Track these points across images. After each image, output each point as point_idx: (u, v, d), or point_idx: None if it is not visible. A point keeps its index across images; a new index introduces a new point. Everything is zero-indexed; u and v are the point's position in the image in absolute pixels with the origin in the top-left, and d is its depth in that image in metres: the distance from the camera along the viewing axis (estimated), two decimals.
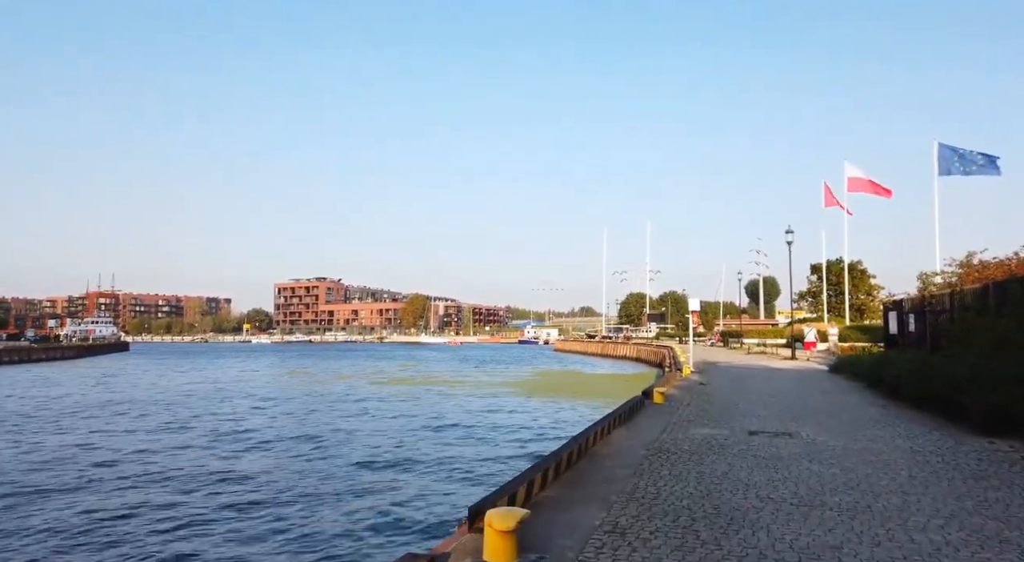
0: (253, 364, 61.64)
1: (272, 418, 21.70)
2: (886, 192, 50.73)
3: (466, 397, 28.76)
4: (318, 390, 32.98)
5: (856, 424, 9.81)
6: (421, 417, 21.54)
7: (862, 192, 51.39)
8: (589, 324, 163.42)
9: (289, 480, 12.22)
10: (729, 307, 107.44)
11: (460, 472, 12.83)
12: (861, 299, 62.40)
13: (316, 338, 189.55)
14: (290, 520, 9.60)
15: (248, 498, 10.91)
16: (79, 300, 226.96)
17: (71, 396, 29.32)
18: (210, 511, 10.13)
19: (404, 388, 33.79)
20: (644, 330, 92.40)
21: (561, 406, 24.41)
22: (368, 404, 26.00)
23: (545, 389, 32.63)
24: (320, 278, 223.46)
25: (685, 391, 15.31)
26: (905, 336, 20.57)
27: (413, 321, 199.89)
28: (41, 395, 29.74)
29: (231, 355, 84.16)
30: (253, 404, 26.25)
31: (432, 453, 14.78)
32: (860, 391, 15.01)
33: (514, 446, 15.61)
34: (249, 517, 9.81)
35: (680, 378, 19.90)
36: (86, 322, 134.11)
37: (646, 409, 11.92)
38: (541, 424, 19.37)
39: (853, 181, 50.96)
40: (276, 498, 10.88)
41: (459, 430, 18.33)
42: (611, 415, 9.73)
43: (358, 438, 17.16)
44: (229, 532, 9.09)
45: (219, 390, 32.75)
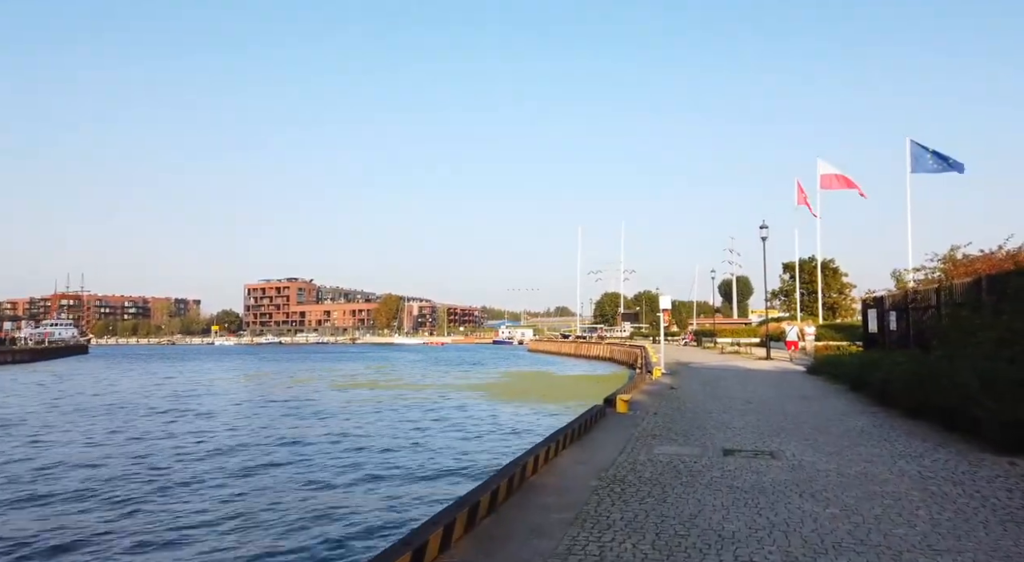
0: (214, 367, 59.13)
1: (204, 429, 19.79)
2: (858, 190, 50.21)
3: (427, 401, 27.09)
4: (270, 396, 31.01)
5: (846, 438, 8.40)
6: (370, 425, 19.82)
7: (835, 189, 50.79)
8: (564, 324, 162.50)
9: (174, 503, 10.47)
10: (703, 306, 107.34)
11: (371, 508, 10.23)
12: (833, 298, 62.10)
13: (287, 340, 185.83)
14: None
15: (137, 526, 9.16)
16: (41, 302, 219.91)
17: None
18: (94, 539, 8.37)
19: (365, 392, 31.98)
20: (618, 330, 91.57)
21: (525, 411, 22.88)
22: (318, 411, 24.18)
23: (512, 392, 31.10)
24: (291, 279, 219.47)
25: (653, 397, 13.86)
26: (886, 335, 19.41)
27: (386, 322, 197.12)
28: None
29: (193, 358, 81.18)
30: (193, 412, 24.26)
31: (357, 472, 12.86)
32: (843, 395, 13.70)
33: (459, 461, 13.90)
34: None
35: (649, 381, 18.50)
36: (44, 324, 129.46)
37: (607, 420, 10.42)
38: (498, 434, 17.75)
39: (826, 178, 50.31)
40: (154, 526, 9.14)
41: (406, 441, 16.61)
42: (560, 431, 8.18)
43: (281, 454, 15.36)
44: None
45: (161, 396, 30.60)
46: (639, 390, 15.49)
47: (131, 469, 13.50)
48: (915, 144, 37.68)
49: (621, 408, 11.32)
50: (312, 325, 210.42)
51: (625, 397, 11.46)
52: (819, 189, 49.03)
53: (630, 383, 16.46)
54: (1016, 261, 14.00)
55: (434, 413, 22.82)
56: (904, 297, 18.13)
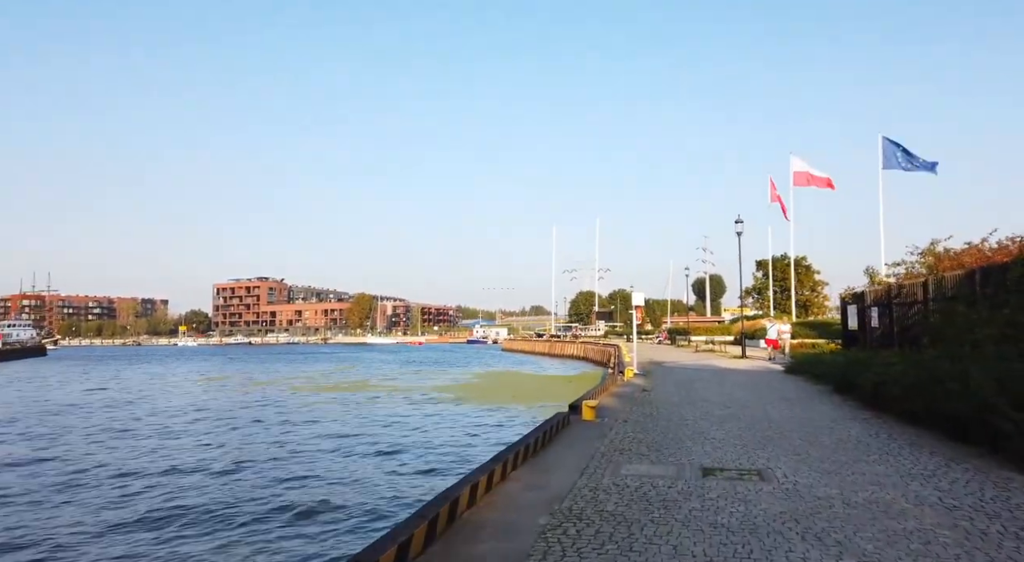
0: (175, 369, 56.80)
1: (142, 436, 18.16)
2: (829, 185, 49.88)
3: (388, 405, 25.67)
4: (224, 399, 29.28)
5: (843, 451, 7.29)
6: (318, 433, 18.34)
7: (808, 186, 50.38)
8: (540, 323, 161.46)
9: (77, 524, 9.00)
10: (676, 305, 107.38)
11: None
12: (806, 295, 61.96)
13: (257, 340, 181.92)
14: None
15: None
16: (0, 303, 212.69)
17: None
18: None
19: (326, 395, 30.41)
20: (593, 328, 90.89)
21: (490, 414, 21.60)
22: (270, 416, 22.62)
23: (481, 393, 29.81)
24: (262, 278, 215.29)
25: (624, 401, 12.69)
26: (868, 332, 18.55)
27: (359, 321, 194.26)
28: None
29: (155, 359, 78.36)
30: (132, 417, 22.51)
31: (283, 494, 11.15)
32: (828, 398, 12.68)
33: (395, 486, 11.94)
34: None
35: (621, 382, 17.36)
36: (2, 326, 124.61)
37: (571, 430, 9.20)
38: (456, 441, 16.38)
39: (799, 175, 49.87)
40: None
41: (353, 451, 15.12)
42: (512, 448, 6.92)
43: (214, 465, 13.87)
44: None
45: (105, 401, 28.70)
46: (609, 393, 14.32)
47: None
48: (887, 141, 37.36)
49: (587, 415, 10.11)
50: (283, 325, 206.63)
51: (592, 403, 10.24)
52: (792, 186, 48.65)
53: (600, 385, 15.30)
54: (1008, 253, 13.12)
55: (392, 419, 21.41)
56: (887, 292, 17.24)
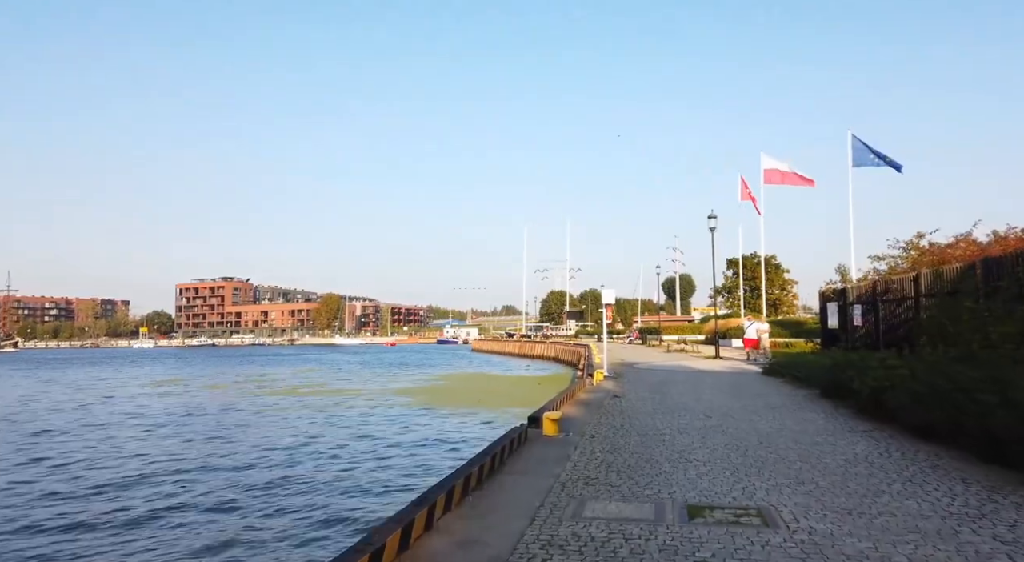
0: (128, 372, 54.02)
1: (69, 445, 16.19)
2: (807, 181, 49.13)
3: (342, 411, 23.94)
4: (170, 404, 27.19)
5: (856, 477, 5.95)
6: (256, 445, 16.59)
7: (780, 184, 49.61)
8: (511, 323, 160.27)
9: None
10: (647, 304, 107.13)
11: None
12: (776, 294, 61.76)
13: (221, 342, 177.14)
14: None
15: None
16: None
17: None
18: None
19: (280, 400, 28.51)
20: (564, 328, 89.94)
21: (452, 421, 20.03)
22: (213, 423, 20.74)
23: (446, 397, 28.23)
24: (227, 278, 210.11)
25: (593, 409, 11.27)
26: (850, 331, 17.47)
27: (327, 322, 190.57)
28: None
29: (106, 362, 74.95)
30: (61, 426, 20.43)
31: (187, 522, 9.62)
32: (816, 404, 11.45)
33: (326, 510, 10.32)
34: None
35: (590, 387, 15.98)
36: None
37: (528, 449, 7.74)
38: (405, 457, 14.68)
39: (770, 173, 49.04)
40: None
41: (272, 469, 13.34)
42: (447, 482, 5.41)
43: (124, 481, 12.12)
44: None
45: (42, 408, 26.41)
46: (576, 400, 12.90)
47: None
48: (856, 139, 36.80)
49: (549, 430, 8.66)
50: (248, 326, 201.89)
51: (554, 415, 8.77)
52: (763, 184, 47.94)
53: (567, 391, 13.88)
54: (1007, 244, 12.06)
55: (341, 427, 19.70)
56: (872, 288, 16.15)
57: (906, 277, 13.95)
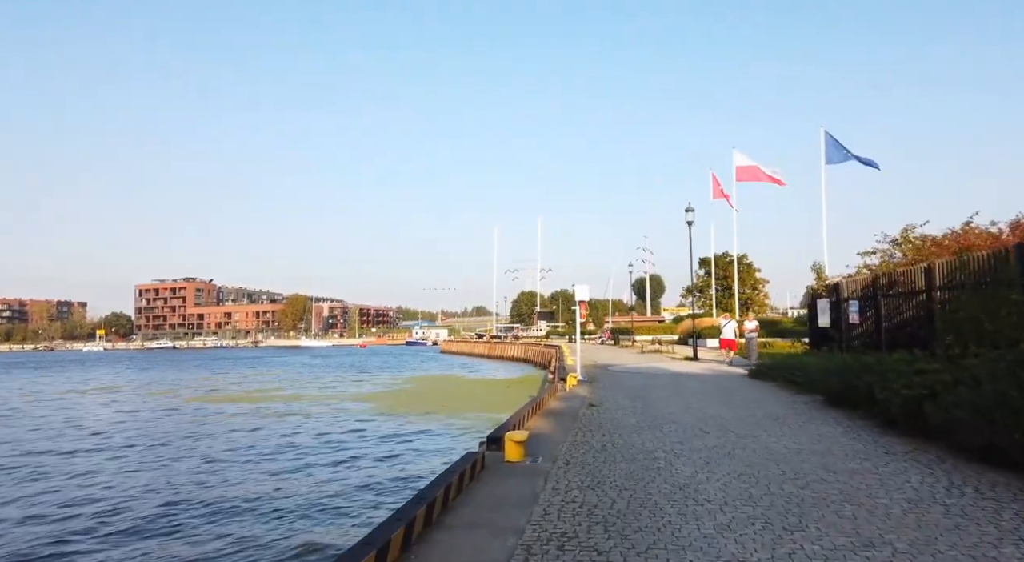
0: (64, 377, 50.64)
1: None
2: (777, 181, 48.03)
3: (290, 419, 21.74)
4: (75, 417, 24.61)
5: (944, 535, 4.24)
6: (166, 457, 14.44)
7: (752, 181, 48.42)
8: (482, 324, 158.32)
9: None
10: (617, 305, 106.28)
11: None
12: (747, 293, 61.06)
13: (182, 344, 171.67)
14: None
15: None
16: None
17: None
18: None
19: (224, 407, 26.15)
20: (535, 329, 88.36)
21: (406, 433, 18.02)
22: (134, 433, 18.39)
23: (407, 402, 26.20)
24: (188, 279, 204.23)
25: (566, 423, 9.45)
26: (844, 330, 15.97)
27: (293, 323, 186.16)
28: None
29: (52, 367, 70.90)
30: None
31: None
32: (826, 414, 9.81)
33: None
34: None
35: (562, 393, 14.18)
36: None
37: (483, 484, 5.87)
38: (335, 484, 12.68)
39: (742, 170, 47.88)
40: None
41: (170, 499, 11.34)
42: (374, 538, 3.53)
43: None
44: None
45: None
46: (546, 410, 11.07)
47: None
48: (829, 135, 35.75)
49: (512, 454, 6.79)
50: (211, 328, 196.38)
51: (519, 436, 6.89)
52: (735, 182, 46.79)
53: (536, 399, 12.02)
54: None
55: (273, 444, 17.53)
56: (871, 282, 14.65)
57: (915, 268, 12.46)
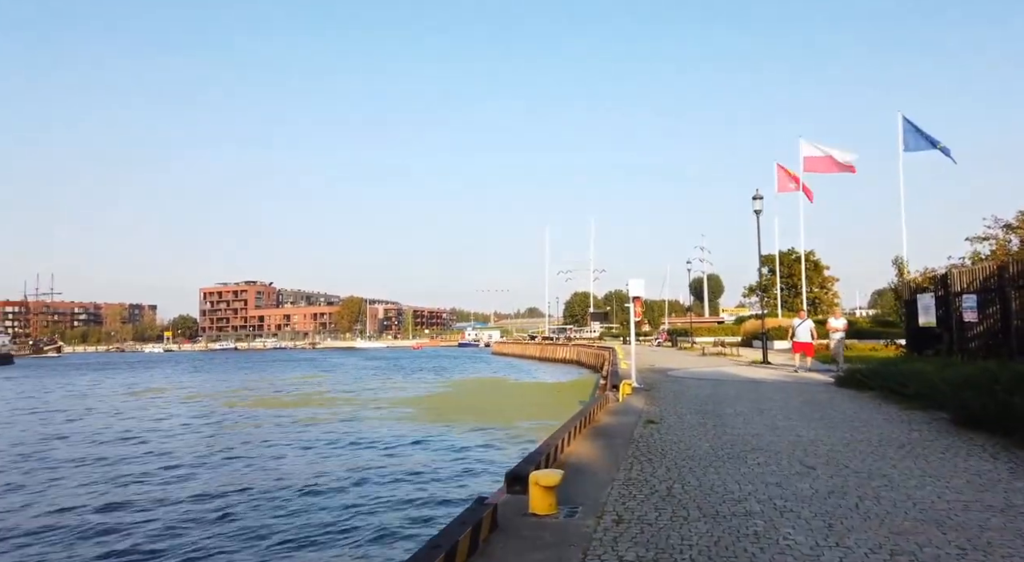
0: (123, 379, 51.44)
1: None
2: (849, 168, 44.00)
3: (326, 426, 20.29)
4: (122, 416, 23.84)
5: None
6: (169, 466, 13.03)
7: (823, 172, 44.52)
8: (534, 325, 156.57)
9: None
10: (674, 305, 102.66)
11: None
12: (815, 292, 57.24)
13: (243, 345, 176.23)
14: None
15: None
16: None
17: None
18: None
19: (258, 412, 25.04)
20: (588, 330, 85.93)
21: (437, 447, 16.20)
22: (154, 439, 17.23)
23: (447, 409, 24.51)
24: (250, 282, 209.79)
25: (616, 450, 7.35)
26: (958, 329, 13.28)
27: (349, 325, 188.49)
28: None
29: (114, 369, 72.80)
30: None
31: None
32: (967, 441, 7.40)
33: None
34: None
35: (614, 405, 12.04)
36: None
37: (496, 553, 3.91)
38: (326, 510, 10.94)
39: (811, 161, 44.07)
40: None
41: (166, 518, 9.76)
42: None
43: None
44: None
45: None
46: (594, 428, 8.98)
47: None
48: (907, 121, 32.11)
49: (539, 504, 4.76)
50: (271, 329, 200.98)
51: (549, 479, 4.81)
52: (803, 172, 43.26)
53: (583, 412, 9.94)
54: None
55: (295, 451, 16.02)
56: (998, 272, 11.94)
57: None
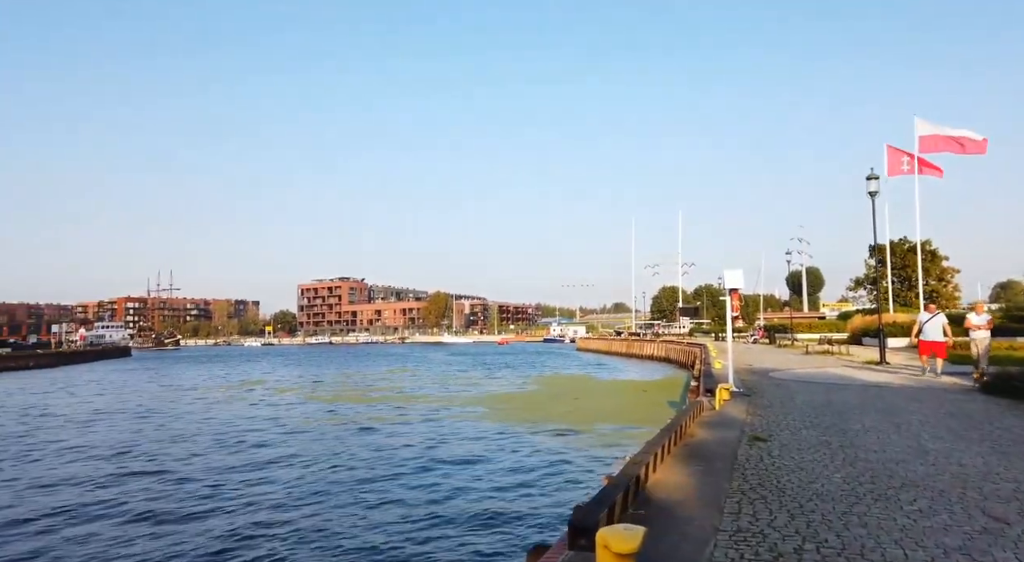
0: (221, 371, 53.78)
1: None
2: (978, 147, 38.72)
3: (394, 425, 19.48)
4: (188, 412, 24.08)
5: None
6: (202, 471, 12.36)
7: (943, 152, 39.43)
8: (620, 320, 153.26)
9: None
10: (769, 300, 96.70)
11: None
12: (932, 285, 51.79)
13: (337, 340, 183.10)
14: None
15: None
16: (109, 305, 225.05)
17: None
18: None
19: (332, 407, 24.72)
20: (676, 326, 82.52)
21: (510, 451, 14.89)
22: (231, 432, 16.92)
23: (522, 408, 23.29)
24: (343, 278, 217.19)
25: (714, 480, 5.68)
26: None
27: (435, 320, 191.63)
28: None
29: (220, 361, 76.60)
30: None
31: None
32: None
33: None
34: None
35: (710, 412, 10.28)
36: (97, 327, 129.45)
37: None
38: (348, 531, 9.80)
39: (928, 140, 39.05)
40: None
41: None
42: None
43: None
44: None
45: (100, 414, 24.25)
46: (687, 446, 7.33)
47: None
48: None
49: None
50: (364, 324, 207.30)
51: (624, 545, 3.20)
52: (918, 153, 38.68)
53: (673, 426, 8.28)
54: None
55: (359, 455, 15.14)
56: None
57: None
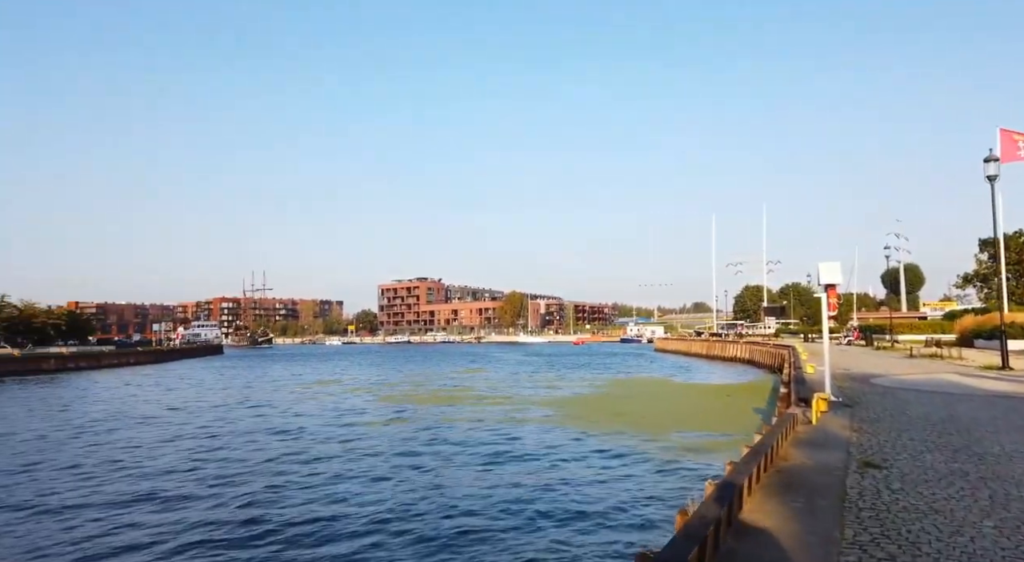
0: (301, 369, 55.28)
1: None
2: None
3: (459, 427, 18.74)
4: (255, 413, 24.23)
5: None
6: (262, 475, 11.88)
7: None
8: (700, 320, 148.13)
9: None
10: (863, 299, 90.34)
11: None
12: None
13: (415, 339, 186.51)
14: None
15: None
16: (206, 305, 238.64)
17: None
18: None
19: (402, 408, 24.36)
20: (761, 326, 78.36)
21: (575, 464, 13.80)
22: (290, 433, 16.70)
23: (594, 413, 22.12)
24: (421, 278, 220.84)
25: (820, 527, 4.40)
26: None
27: (511, 320, 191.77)
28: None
29: (302, 360, 79.12)
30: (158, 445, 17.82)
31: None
32: None
33: None
34: None
35: (805, 429, 8.86)
36: (193, 327, 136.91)
37: None
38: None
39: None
40: None
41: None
42: None
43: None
44: None
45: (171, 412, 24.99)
46: (778, 474, 6.06)
47: None
48: None
49: None
50: (441, 324, 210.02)
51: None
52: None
53: (763, 446, 6.99)
54: None
55: (418, 460, 14.44)
56: None
57: None
